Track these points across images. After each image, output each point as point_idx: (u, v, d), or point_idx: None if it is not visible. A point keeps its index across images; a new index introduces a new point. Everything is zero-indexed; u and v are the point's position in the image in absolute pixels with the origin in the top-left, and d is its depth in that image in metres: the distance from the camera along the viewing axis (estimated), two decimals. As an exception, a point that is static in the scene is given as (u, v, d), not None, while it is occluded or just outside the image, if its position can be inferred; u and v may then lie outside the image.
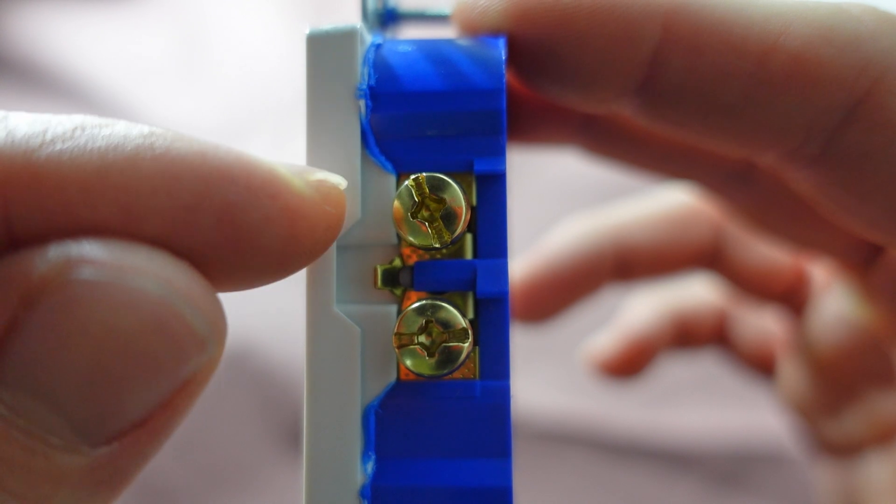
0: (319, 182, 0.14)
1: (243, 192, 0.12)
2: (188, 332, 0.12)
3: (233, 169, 0.12)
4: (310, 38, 0.16)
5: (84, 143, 0.12)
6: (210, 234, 0.12)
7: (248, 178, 0.12)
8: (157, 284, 0.12)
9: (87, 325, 0.11)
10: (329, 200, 0.14)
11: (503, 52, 0.16)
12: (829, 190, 0.17)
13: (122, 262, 0.11)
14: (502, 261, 0.15)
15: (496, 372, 0.15)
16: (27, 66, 0.49)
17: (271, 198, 0.12)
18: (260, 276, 0.13)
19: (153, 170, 0.12)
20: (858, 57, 0.15)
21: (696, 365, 0.34)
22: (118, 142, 0.12)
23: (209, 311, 0.12)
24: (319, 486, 0.15)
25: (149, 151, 0.12)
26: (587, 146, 0.22)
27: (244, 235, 0.12)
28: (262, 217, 0.12)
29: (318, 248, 0.13)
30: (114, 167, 0.12)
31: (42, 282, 0.11)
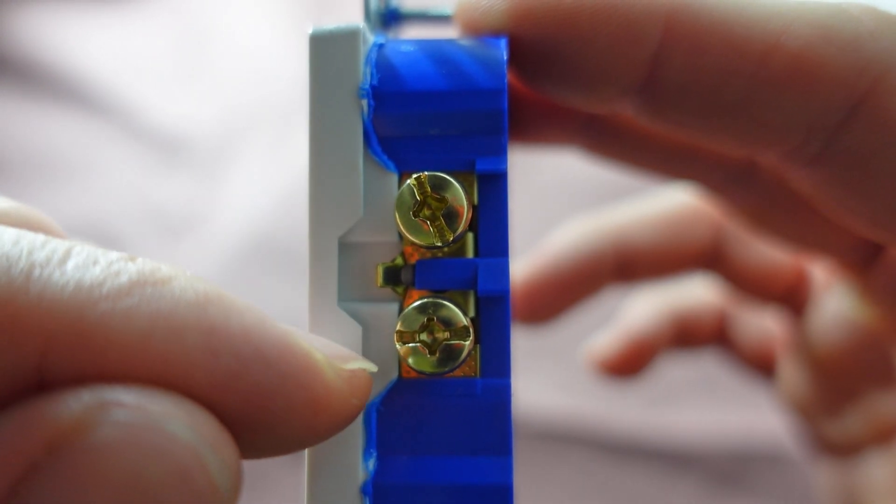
0: (351, 374, 0.14)
1: (276, 378, 0.12)
2: (211, 486, 0.12)
3: (270, 353, 0.12)
4: (312, 38, 0.16)
5: (137, 305, 0.12)
6: (236, 409, 0.12)
7: (283, 365, 0.12)
8: (189, 431, 0.11)
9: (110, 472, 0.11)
10: (356, 393, 0.14)
11: (505, 53, 0.16)
12: (829, 189, 0.17)
13: (155, 407, 0.11)
14: (503, 259, 0.15)
15: (497, 370, 0.15)
16: (27, 66, 0.49)
17: (301, 388, 0.12)
18: (272, 452, 0.13)
19: (196, 343, 0.12)
20: (859, 57, 0.15)
21: (696, 365, 0.34)
22: (170, 308, 0.12)
23: (232, 465, 0.12)
24: (321, 483, 0.15)
25: (196, 325, 0.12)
26: (588, 146, 0.22)
27: (268, 418, 0.12)
28: (289, 405, 0.12)
29: (334, 433, 0.14)
30: (159, 336, 0.12)
31: (72, 425, 0.11)
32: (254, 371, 0.12)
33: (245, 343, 0.12)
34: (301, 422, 0.13)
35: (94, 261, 0.12)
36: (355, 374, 0.14)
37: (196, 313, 0.12)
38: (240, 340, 0.12)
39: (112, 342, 0.11)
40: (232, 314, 0.12)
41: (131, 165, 0.46)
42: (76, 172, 0.45)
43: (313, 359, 0.13)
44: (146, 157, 0.46)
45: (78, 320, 0.11)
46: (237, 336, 0.12)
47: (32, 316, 0.11)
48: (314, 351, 0.13)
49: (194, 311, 0.12)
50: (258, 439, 0.13)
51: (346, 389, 0.13)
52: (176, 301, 0.12)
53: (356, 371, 0.14)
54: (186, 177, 0.46)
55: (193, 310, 0.12)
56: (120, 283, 0.12)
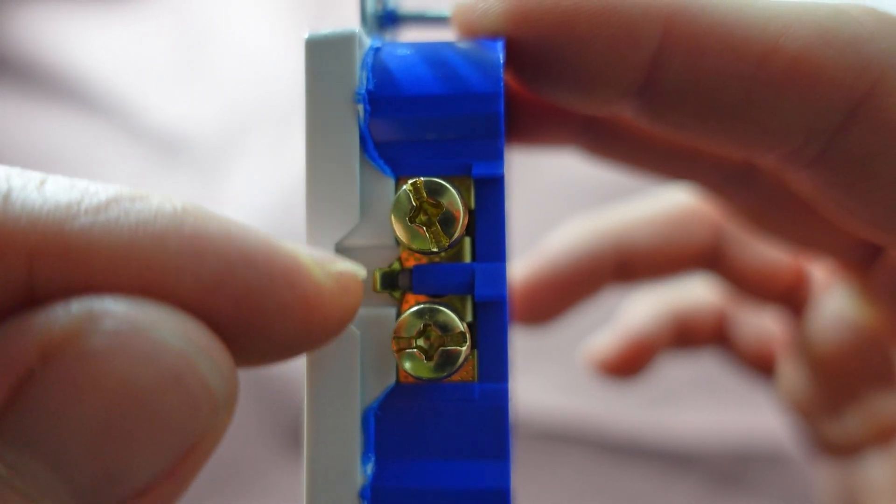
0: (340, 274, 0.14)
1: (263, 278, 0.12)
2: (204, 390, 0.12)
3: (256, 254, 0.12)
4: (309, 43, 0.16)
5: (116, 218, 0.12)
6: (227, 314, 0.12)
7: (269, 265, 0.12)
8: (179, 337, 0.12)
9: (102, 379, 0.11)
10: (347, 292, 0.14)
11: (501, 56, 0.16)
12: (829, 191, 0.17)
13: (144, 315, 0.12)
14: (501, 264, 0.15)
15: (495, 374, 0.15)
16: (27, 66, 0.49)
17: (290, 287, 0.13)
18: (269, 358, 0.13)
19: (179, 249, 0.12)
20: (858, 58, 0.15)
21: (695, 365, 0.34)
22: (149, 218, 0.12)
23: (226, 371, 0.12)
24: (320, 487, 0.15)
25: (177, 231, 0.12)
26: (587, 147, 0.22)
27: (260, 320, 0.12)
28: (280, 305, 0.12)
29: (330, 335, 0.14)
30: (142, 244, 0.12)
31: (63, 334, 0.11)
32: (241, 272, 0.12)
33: (229, 246, 0.12)
34: (295, 321, 0.13)
35: (71, 185, 0.12)
36: (344, 273, 0.14)
37: (177, 221, 0.12)
38: (224, 243, 0.12)
39: (96, 253, 0.12)
40: (212, 221, 0.12)
41: (131, 165, 0.46)
42: (76, 172, 0.45)
43: (300, 259, 0.13)
44: (146, 157, 0.46)
45: (60, 234, 0.12)
46: (220, 240, 0.12)
47: (14, 232, 0.11)
48: (300, 252, 0.13)
49: (175, 219, 0.12)
50: (255, 343, 0.13)
51: (337, 288, 0.13)
52: (155, 211, 0.12)
53: (344, 272, 0.14)
54: (186, 177, 0.46)
55: (174, 218, 0.12)
56: (98, 200, 0.12)
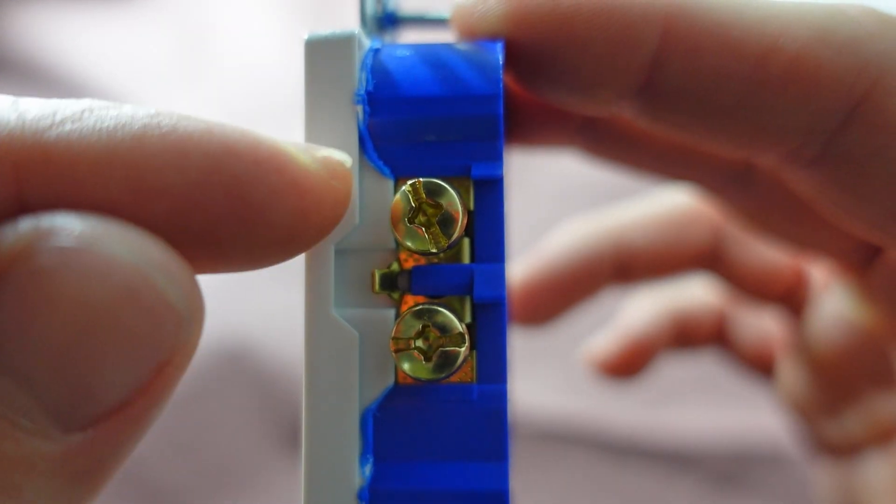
0: (325, 158, 0.14)
1: (250, 165, 0.12)
2: (163, 304, 0.12)
3: (238, 144, 0.12)
4: (308, 44, 0.16)
5: (93, 124, 0.12)
6: (219, 209, 0.12)
7: (254, 153, 0.12)
8: (130, 251, 0.11)
9: (56, 296, 0.11)
10: (336, 175, 0.14)
11: (501, 57, 0.16)
12: (828, 191, 0.17)
13: (94, 231, 0.11)
14: (500, 265, 0.15)
15: (493, 375, 0.15)
16: (27, 66, 0.49)
17: (278, 171, 0.12)
18: (269, 252, 0.13)
19: (160, 147, 0.12)
20: (857, 58, 0.15)
21: (695, 365, 0.34)
22: (125, 121, 0.12)
23: (186, 285, 0.12)
24: (318, 488, 0.15)
25: (156, 129, 0.12)
26: (587, 148, 0.22)
27: (253, 209, 0.12)
28: (270, 190, 0.12)
29: (326, 224, 0.13)
30: (122, 145, 0.12)
31: (11, 253, 0.11)
32: (226, 163, 0.12)
33: (210, 139, 0.12)
34: (288, 205, 0.13)
35: (44, 102, 0.12)
36: (329, 158, 0.14)
37: (153, 121, 0.12)
38: (205, 139, 0.12)
39: (78, 158, 0.12)
40: (189, 119, 0.12)
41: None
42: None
43: (282, 145, 0.13)
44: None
45: (39, 143, 0.11)
46: (201, 135, 0.12)
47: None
48: (281, 141, 0.13)
49: (151, 119, 0.12)
50: (254, 236, 0.13)
51: (325, 172, 0.13)
52: (131, 115, 0.12)
53: (330, 156, 0.14)
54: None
55: (150, 119, 0.12)
56: (73, 109, 0.12)
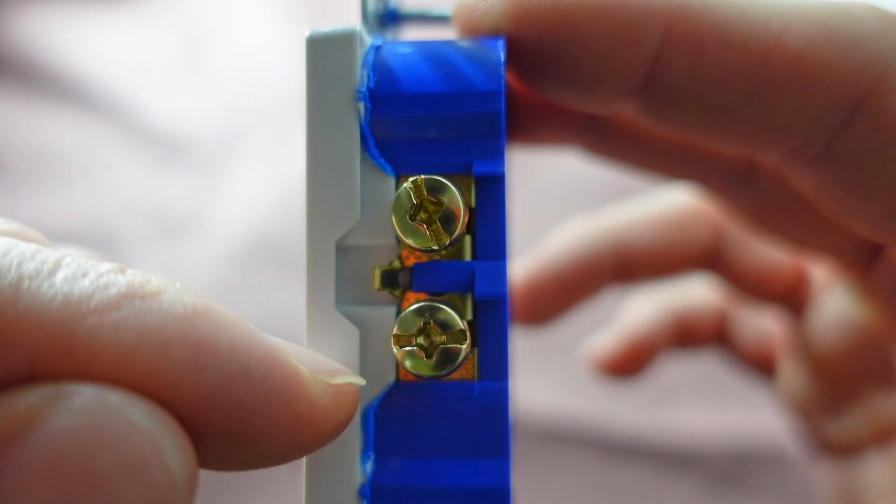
0: (337, 389, 0.14)
1: (260, 395, 0.12)
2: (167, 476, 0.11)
3: (257, 369, 0.12)
4: (309, 40, 0.16)
5: (125, 319, 0.12)
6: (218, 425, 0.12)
7: (268, 381, 0.12)
8: (147, 418, 0.11)
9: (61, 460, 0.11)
10: (342, 408, 0.14)
11: (502, 54, 0.16)
12: (830, 189, 0.17)
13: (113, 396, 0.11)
14: (501, 262, 0.15)
15: (495, 373, 0.15)
16: (27, 66, 0.49)
17: (286, 405, 0.12)
18: (253, 465, 0.13)
19: (181, 358, 0.12)
20: (860, 56, 0.15)
21: (696, 365, 0.34)
22: (157, 322, 0.12)
23: (190, 459, 0.12)
24: (319, 485, 0.15)
25: (182, 340, 0.12)
26: (588, 146, 0.22)
27: (250, 433, 0.12)
28: (272, 421, 0.12)
29: (319, 446, 0.14)
30: (145, 351, 0.12)
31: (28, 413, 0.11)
32: (239, 387, 0.12)
33: (231, 359, 0.12)
34: (285, 437, 0.13)
35: (84, 273, 0.12)
36: (341, 388, 0.14)
37: (183, 328, 0.12)
38: (226, 356, 0.12)
39: (98, 355, 0.11)
40: (220, 329, 0.12)
41: (131, 165, 0.46)
42: (76, 172, 0.45)
43: (299, 375, 0.13)
44: (146, 157, 0.46)
45: (66, 334, 0.11)
46: (224, 352, 0.12)
47: (20, 328, 0.11)
48: (300, 367, 0.13)
49: (182, 325, 0.12)
50: (242, 453, 0.13)
51: (332, 405, 0.13)
52: (164, 315, 0.12)
53: (342, 386, 0.14)
54: (186, 177, 0.46)
55: (181, 324, 0.12)
56: (109, 296, 0.12)
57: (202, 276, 0.41)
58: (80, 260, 0.12)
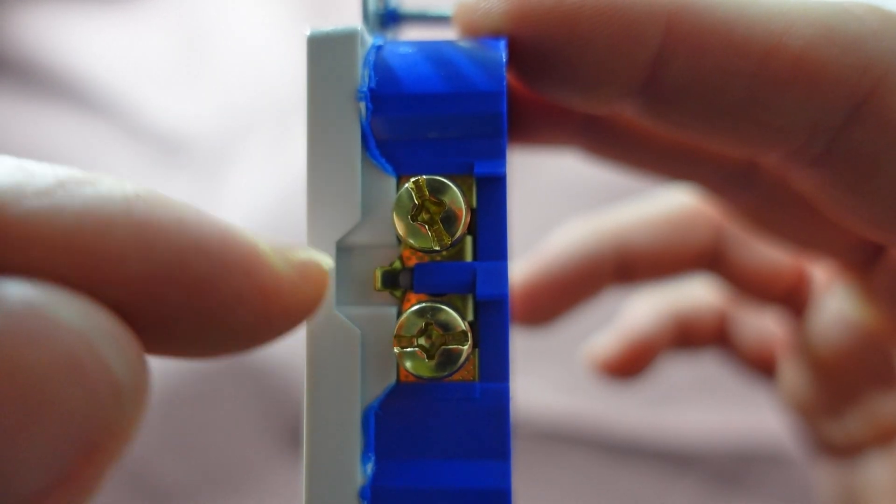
0: (302, 263, 0.13)
1: (217, 266, 0.12)
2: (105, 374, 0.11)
3: (210, 241, 0.12)
4: (310, 40, 0.16)
5: (61, 202, 0.11)
6: (178, 304, 0.12)
7: (223, 253, 0.12)
8: (79, 317, 0.11)
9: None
10: (309, 281, 0.13)
11: (504, 55, 0.16)
12: (832, 189, 0.17)
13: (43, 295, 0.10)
14: (502, 263, 0.15)
15: (496, 374, 0.15)
16: (27, 66, 0.49)
17: (245, 275, 0.12)
18: (227, 347, 0.13)
19: (126, 236, 0.11)
20: (861, 56, 0.15)
21: (696, 366, 0.34)
22: (97, 203, 0.11)
23: (134, 357, 0.11)
24: (319, 486, 0.15)
25: (125, 217, 0.11)
26: (588, 147, 0.22)
27: (213, 310, 0.12)
28: (234, 294, 0.12)
29: (291, 325, 0.13)
30: (86, 230, 0.11)
31: None
32: (193, 261, 0.12)
33: (181, 233, 0.12)
34: (251, 311, 0.12)
35: (19, 167, 0.11)
36: (307, 263, 0.13)
37: (127, 206, 0.11)
38: (175, 231, 0.12)
39: (37, 238, 0.11)
40: (165, 207, 0.12)
41: (131, 165, 0.46)
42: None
43: (257, 247, 0.12)
44: (146, 157, 0.46)
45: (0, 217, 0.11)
46: (172, 227, 0.12)
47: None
48: (258, 240, 0.12)
49: (124, 204, 0.11)
50: (212, 332, 0.12)
51: (298, 277, 0.13)
52: (105, 196, 0.11)
53: (308, 263, 0.13)
54: (186, 177, 0.46)
55: (123, 203, 0.11)
56: (44, 183, 0.11)
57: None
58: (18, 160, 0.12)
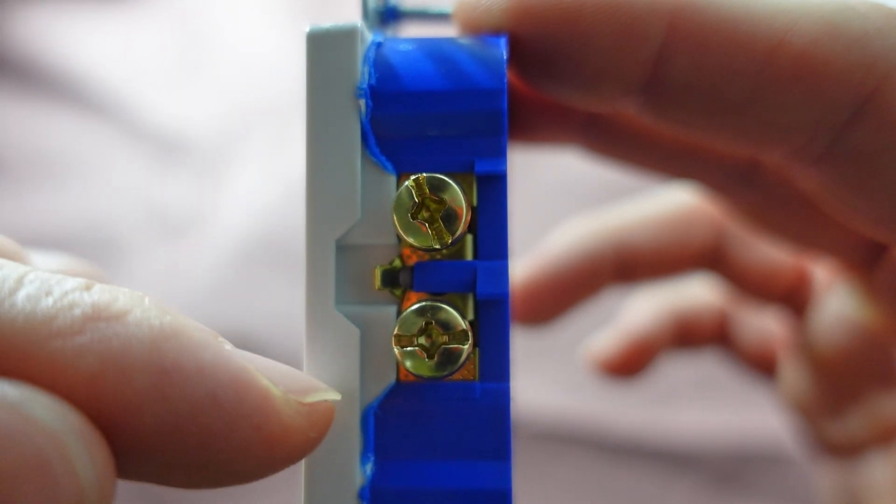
0: (311, 408, 0.13)
1: (228, 420, 0.12)
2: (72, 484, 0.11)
3: (225, 392, 0.12)
4: (310, 37, 0.15)
5: (88, 344, 0.11)
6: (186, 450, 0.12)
7: (236, 406, 0.12)
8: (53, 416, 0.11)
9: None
10: (315, 427, 0.13)
11: (505, 52, 0.16)
12: (834, 188, 0.17)
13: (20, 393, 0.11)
14: (503, 262, 0.15)
15: (496, 374, 0.15)
16: (27, 66, 0.49)
17: (255, 429, 0.12)
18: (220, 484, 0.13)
19: (144, 387, 0.11)
20: (865, 54, 0.15)
21: (696, 365, 0.34)
22: (121, 348, 0.11)
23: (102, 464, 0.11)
24: (318, 487, 0.15)
25: (147, 364, 0.11)
26: (589, 146, 0.22)
27: (220, 457, 0.12)
28: (242, 446, 0.12)
29: (288, 465, 0.13)
30: (108, 377, 0.11)
31: None
32: (206, 414, 0.12)
33: (198, 384, 0.12)
34: (256, 460, 0.12)
35: (48, 291, 0.12)
36: (315, 407, 0.13)
37: (148, 353, 0.12)
38: (193, 382, 0.12)
39: (60, 379, 0.11)
40: (187, 352, 0.12)
41: (131, 165, 0.46)
42: (76, 172, 0.45)
43: (270, 397, 0.12)
44: (146, 157, 0.46)
45: (26, 358, 0.11)
46: (190, 377, 0.12)
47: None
48: (271, 387, 0.13)
49: (147, 350, 0.12)
50: (213, 474, 0.12)
51: (304, 424, 0.13)
52: (129, 338, 0.11)
53: (316, 404, 0.13)
54: (186, 177, 0.46)
55: (146, 348, 0.12)
56: (73, 318, 0.11)
57: (202, 276, 0.41)
58: (44, 276, 0.12)
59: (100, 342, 0.11)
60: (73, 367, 0.11)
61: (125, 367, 0.11)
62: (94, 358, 0.11)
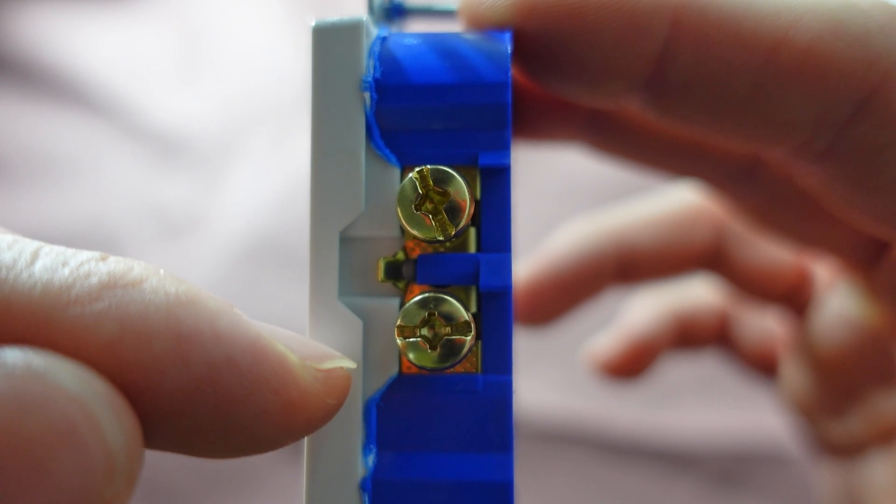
0: (327, 374, 0.13)
1: (246, 384, 0.12)
2: (100, 444, 0.11)
3: (243, 356, 0.12)
4: (315, 30, 0.16)
5: (106, 310, 0.11)
6: (200, 416, 0.12)
7: (255, 370, 0.12)
8: (78, 383, 0.11)
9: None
10: (332, 393, 0.13)
11: (509, 46, 0.16)
12: (837, 185, 0.17)
13: (43, 360, 0.11)
14: (506, 255, 0.15)
15: (498, 366, 0.15)
16: (27, 66, 0.49)
17: (274, 393, 0.12)
18: (241, 453, 0.13)
19: (163, 351, 0.11)
20: (868, 51, 0.15)
21: (697, 365, 0.34)
22: (139, 313, 0.12)
23: (130, 429, 0.11)
24: (320, 478, 0.15)
25: (165, 328, 0.12)
26: (592, 142, 0.22)
27: (238, 422, 0.12)
28: (260, 410, 0.12)
29: (309, 432, 0.13)
30: (127, 342, 0.11)
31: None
32: (225, 377, 0.12)
33: (216, 349, 0.12)
34: (276, 425, 0.12)
35: (64, 261, 0.12)
36: (332, 373, 0.13)
37: (166, 318, 0.12)
38: (211, 346, 0.12)
39: (82, 346, 0.11)
40: (204, 318, 0.12)
41: (131, 165, 0.46)
42: (76, 172, 0.45)
43: (287, 362, 0.13)
44: (146, 157, 0.46)
45: (47, 324, 0.11)
46: (208, 342, 0.12)
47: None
48: (288, 353, 0.13)
49: (165, 315, 0.12)
50: (234, 440, 0.12)
51: (322, 390, 0.13)
52: (147, 304, 0.12)
53: (332, 370, 0.13)
54: (187, 176, 0.46)
55: (164, 314, 0.12)
56: (90, 285, 0.11)
57: (202, 275, 0.41)
58: (58, 249, 0.12)
59: (118, 308, 0.11)
60: (93, 333, 0.11)
61: (144, 333, 0.11)
62: (112, 324, 0.11)
